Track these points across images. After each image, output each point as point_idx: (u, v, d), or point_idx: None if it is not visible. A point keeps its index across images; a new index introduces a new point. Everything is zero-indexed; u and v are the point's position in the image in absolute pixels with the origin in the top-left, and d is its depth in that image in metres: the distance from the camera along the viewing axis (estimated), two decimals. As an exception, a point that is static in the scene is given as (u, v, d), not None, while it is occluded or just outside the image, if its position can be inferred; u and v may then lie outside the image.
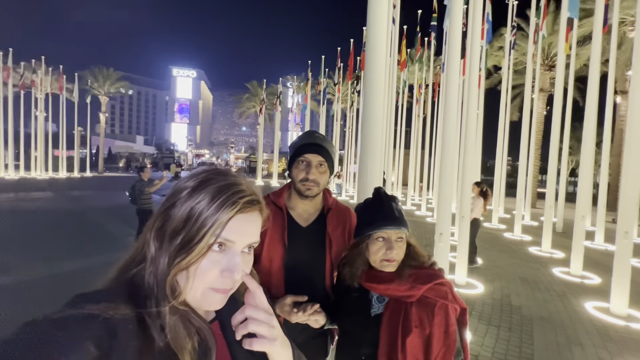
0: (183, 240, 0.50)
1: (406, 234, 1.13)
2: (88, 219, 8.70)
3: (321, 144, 1.29)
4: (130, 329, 0.45)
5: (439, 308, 1.02)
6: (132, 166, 48.33)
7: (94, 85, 30.09)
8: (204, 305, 0.53)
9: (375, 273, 1.13)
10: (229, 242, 0.52)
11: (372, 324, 1.09)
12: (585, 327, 3.68)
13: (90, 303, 0.44)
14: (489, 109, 12.74)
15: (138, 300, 0.49)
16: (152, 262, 0.51)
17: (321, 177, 1.29)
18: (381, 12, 2.17)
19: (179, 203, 0.52)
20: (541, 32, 10.08)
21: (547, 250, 7.16)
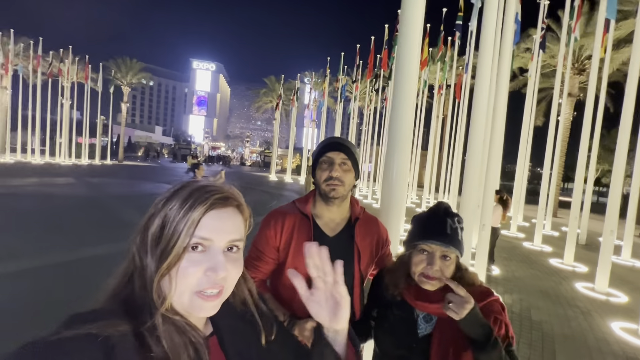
0: (162, 247, 0.50)
1: (456, 255, 1.05)
2: (106, 207, 8.92)
3: (343, 143, 1.25)
4: (129, 345, 0.45)
5: (493, 322, 0.98)
6: (150, 155, 49.50)
7: (117, 76, 30.89)
8: (194, 311, 0.52)
9: (425, 292, 1.06)
10: (206, 241, 0.52)
11: (421, 344, 1.05)
12: (612, 349, 3.47)
13: (87, 323, 0.44)
14: (511, 113, 12.30)
15: (134, 316, 0.49)
16: (139, 274, 0.52)
17: (345, 176, 1.22)
18: (416, 11, 2.05)
19: (155, 214, 0.53)
20: (574, 34, 9.61)
21: (569, 263, 6.85)
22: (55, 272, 4.12)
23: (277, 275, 1.31)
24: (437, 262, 1.02)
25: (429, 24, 14.28)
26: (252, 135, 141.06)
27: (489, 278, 5.40)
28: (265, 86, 34.05)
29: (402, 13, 2.06)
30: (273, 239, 1.26)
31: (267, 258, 1.27)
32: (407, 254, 1.11)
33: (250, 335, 0.62)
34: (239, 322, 0.63)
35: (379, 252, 1.36)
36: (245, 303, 0.65)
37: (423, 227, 1.08)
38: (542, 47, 11.31)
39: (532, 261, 7.01)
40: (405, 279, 1.11)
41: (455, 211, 1.12)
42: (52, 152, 25.58)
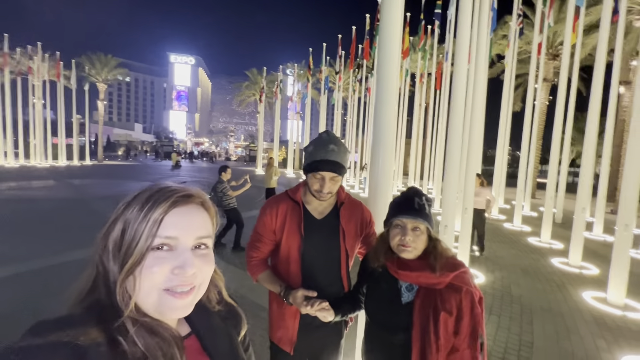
0: (124, 250, 0.50)
1: (426, 227, 1.21)
2: (90, 208, 8.74)
3: (335, 159, 1.36)
4: (101, 351, 0.44)
5: (465, 293, 1.13)
6: (131, 154, 48.13)
7: (91, 72, 29.64)
8: (165, 311, 0.51)
9: (406, 263, 1.21)
10: (171, 240, 0.51)
11: (404, 311, 1.19)
12: (584, 317, 3.77)
13: (56, 330, 0.43)
14: (490, 99, 12.62)
15: (104, 321, 0.47)
16: (104, 280, 0.51)
17: (334, 187, 1.40)
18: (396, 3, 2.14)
19: (117, 219, 0.52)
20: (547, 21, 9.92)
21: (546, 241, 7.25)
22: (40, 277, 4.09)
23: (275, 254, 1.50)
24: (409, 232, 1.18)
25: (409, 13, 14.34)
26: (236, 130, 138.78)
27: (472, 258, 5.68)
28: (247, 79, 33.53)
29: (383, 3, 2.14)
30: (270, 223, 1.45)
31: (266, 239, 1.47)
32: (385, 230, 1.28)
33: (229, 332, 0.63)
34: (216, 320, 0.63)
35: (363, 231, 1.54)
36: (218, 301, 0.65)
37: (396, 206, 1.25)
38: (520, 35, 11.64)
39: (512, 241, 7.37)
40: (385, 253, 1.27)
41: (432, 196, 1.26)
42: (27, 154, 24.52)
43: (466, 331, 1.11)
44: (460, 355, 1.10)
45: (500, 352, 2.96)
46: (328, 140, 1.38)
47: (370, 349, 1.33)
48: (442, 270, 1.16)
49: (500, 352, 2.95)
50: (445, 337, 1.10)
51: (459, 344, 1.11)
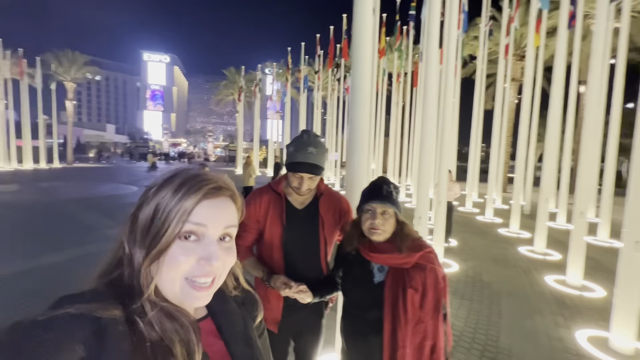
0: (152, 235, 0.50)
1: (394, 211, 1.34)
2: (61, 212, 8.41)
3: (313, 162, 1.48)
4: (119, 329, 0.45)
5: (429, 271, 1.28)
6: (103, 156, 46.20)
7: (58, 71, 28.15)
8: (186, 300, 0.52)
9: (376, 245, 1.34)
10: (200, 228, 0.51)
11: (376, 290, 1.31)
12: (546, 297, 4.11)
13: (78, 304, 0.44)
14: (465, 98, 13.18)
15: (124, 300, 0.49)
16: (128, 262, 0.52)
17: (312, 184, 1.53)
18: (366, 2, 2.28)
19: (146, 202, 0.52)
20: (513, 24, 10.50)
21: (515, 231, 7.72)
22: (11, 283, 3.96)
23: (259, 242, 1.61)
24: (378, 216, 1.31)
25: (384, 14, 14.71)
26: (215, 130, 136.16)
27: (447, 249, 5.98)
28: (225, 78, 32.94)
29: (354, 5, 2.27)
30: (254, 213, 1.56)
31: (250, 228, 1.57)
32: (357, 217, 1.41)
33: (244, 317, 0.64)
34: (232, 305, 0.64)
35: (341, 220, 1.67)
36: (235, 287, 0.66)
37: (366, 194, 1.38)
38: (489, 36, 12.23)
39: (484, 232, 7.79)
40: (358, 238, 1.40)
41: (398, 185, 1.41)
42: (-12, 157, 23.02)
43: (430, 305, 1.26)
44: (425, 326, 1.26)
45: (471, 332, 3.19)
46: (308, 143, 1.50)
47: (347, 326, 1.46)
48: (409, 251, 1.30)
49: (471, 332, 3.18)
50: (412, 311, 1.24)
51: (424, 316, 1.26)
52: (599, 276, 4.82)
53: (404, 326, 1.25)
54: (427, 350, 1.27)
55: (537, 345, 3.00)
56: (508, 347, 2.94)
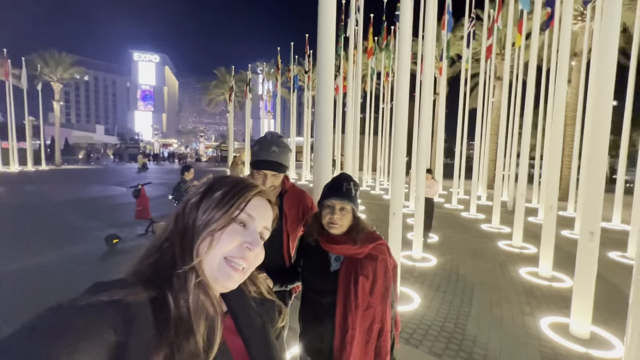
0: (210, 215, 0.58)
1: (351, 207, 1.46)
2: (48, 214, 8.37)
3: (276, 160, 1.59)
4: (149, 313, 0.48)
5: (380, 261, 1.41)
6: (92, 157, 45.57)
7: (44, 71, 27.70)
8: (221, 278, 0.57)
9: (334, 237, 1.46)
10: (250, 218, 0.60)
11: (332, 278, 1.43)
12: (516, 288, 4.30)
13: (109, 290, 0.47)
14: (453, 96, 13.44)
15: (160, 280, 0.53)
16: (181, 235, 0.58)
17: (276, 181, 1.64)
18: (330, 7, 2.40)
19: (215, 184, 0.63)
20: (496, 24, 10.75)
21: (496, 226, 7.94)
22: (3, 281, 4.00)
23: None
24: (337, 212, 1.43)
25: (372, 14, 14.88)
26: (207, 130, 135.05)
27: (427, 244, 6.16)
28: (216, 78, 32.84)
29: (319, 11, 2.39)
30: None
31: None
32: (318, 211, 1.52)
33: (262, 317, 0.67)
34: (251, 302, 0.68)
35: (304, 216, 1.78)
36: (255, 291, 0.71)
37: (327, 190, 1.49)
38: (473, 37, 12.47)
39: (466, 228, 8.00)
40: (318, 230, 1.51)
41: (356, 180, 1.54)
42: (-28, 160, 22.61)
43: (379, 291, 1.39)
44: (374, 311, 1.39)
45: (440, 321, 3.35)
46: (271, 142, 1.62)
47: (304, 311, 1.59)
48: (362, 242, 1.43)
49: (440, 322, 3.34)
50: (362, 297, 1.37)
51: (373, 302, 1.39)
52: (571, 267, 5.00)
53: (354, 311, 1.38)
54: (375, 333, 1.40)
55: (502, 332, 3.17)
56: (474, 335, 3.11)
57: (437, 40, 18.97)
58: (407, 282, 4.35)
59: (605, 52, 2.90)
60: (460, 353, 2.80)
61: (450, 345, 2.93)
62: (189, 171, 5.56)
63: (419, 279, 4.52)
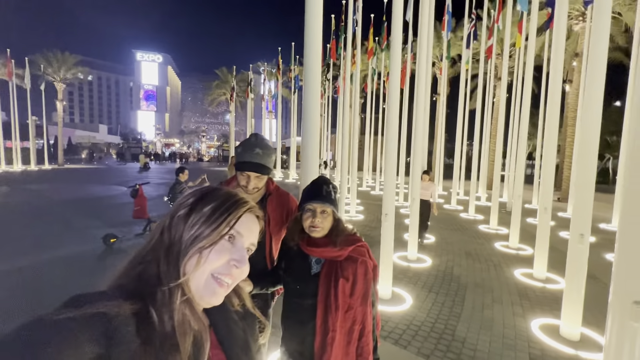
0: (199, 230, 0.56)
1: (332, 210, 1.47)
2: (49, 213, 8.45)
3: (260, 162, 1.62)
4: (131, 326, 0.46)
5: (360, 263, 1.42)
6: (95, 157, 45.85)
7: (47, 71, 27.93)
8: (206, 294, 0.56)
9: (314, 240, 1.47)
10: (239, 235, 0.59)
11: (312, 280, 1.45)
12: (510, 289, 4.30)
13: (90, 303, 0.45)
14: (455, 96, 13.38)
15: (143, 293, 0.51)
16: (167, 250, 0.56)
17: (259, 183, 1.66)
18: (317, 8, 2.41)
19: (208, 196, 0.60)
20: (497, 25, 10.73)
21: (494, 227, 7.92)
22: None
23: None
24: (318, 215, 1.44)
25: (372, 14, 14.86)
26: (209, 130, 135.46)
27: (423, 245, 6.16)
28: (218, 78, 32.97)
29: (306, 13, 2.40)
30: None
31: None
32: (299, 214, 1.53)
33: (244, 330, 0.68)
34: (234, 316, 0.68)
35: (288, 218, 1.79)
36: (239, 304, 0.70)
37: (307, 193, 1.50)
38: (474, 37, 12.45)
39: (464, 228, 7.99)
40: (299, 233, 1.52)
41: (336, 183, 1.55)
42: (-24, 159, 22.82)
43: (359, 293, 1.40)
44: (354, 312, 1.40)
45: (431, 322, 3.36)
46: (255, 144, 1.64)
47: (286, 314, 1.60)
48: (342, 245, 1.44)
49: (431, 322, 3.35)
50: (342, 299, 1.39)
51: (353, 303, 1.41)
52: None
53: (334, 312, 1.40)
54: (356, 334, 1.41)
55: (492, 333, 3.18)
56: (463, 336, 3.11)
57: (438, 40, 18.98)
58: (401, 283, 4.36)
59: (595, 53, 2.89)
60: (448, 354, 2.81)
61: (439, 346, 2.94)
62: (183, 172, 5.62)
63: (413, 280, 4.52)
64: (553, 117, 4.54)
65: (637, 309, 1.46)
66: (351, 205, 9.23)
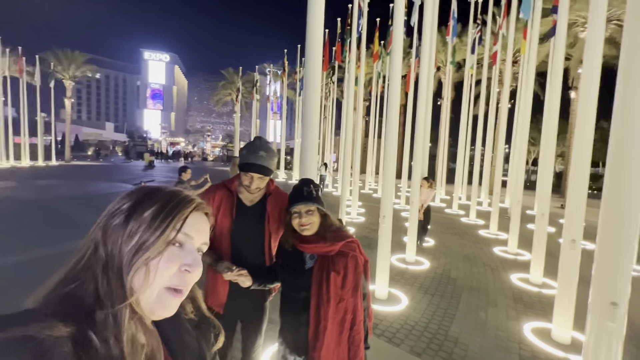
0: (142, 239, 0.50)
1: (316, 207, 1.57)
2: (56, 209, 8.63)
3: (263, 164, 1.72)
4: (67, 349, 0.41)
5: (350, 257, 1.52)
6: (101, 154, 46.38)
7: (57, 69, 28.40)
8: (158, 309, 0.51)
9: (306, 238, 1.58)
10: (188, 237, 0.54)
11: (306, 275, 1.56)
12: (505, 293, 4.36)
13: (16, 325, 0.40)
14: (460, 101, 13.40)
15: (78, 315, 0.45)
16: (104, 267, 0.49)
17: (261, 184, 1.76)
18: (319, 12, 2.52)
19: (141, 204, 0.53)
20: (501, 31, 10.78)
21: (494, 232, 7.96)
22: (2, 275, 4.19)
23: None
24: (304, 215, 1.55)
25: (378, 18, 14.97)
26: (214, 129, 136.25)
27: (422, 248, 6.23)
28: (224, 78, 33.27)
29: (308, 16, 2.51)
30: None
31: None
32: (288, 218, 1.63)
33: (198, 339, 0.63)
34: (186, 325, 0.63)
35: (286, 218, 1.89)
36: (192, 312, 0.65)
37: (291, 198, 1.61)
38: (479, 42, 12.52)
39: (464, 233, 8.03)
40: (292, 234, 1.64)
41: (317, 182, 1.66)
42: (-14, 154, 23.26)
43: (350, 285, 1.51)
44: (346, 303, 1.51)
45: (425, 322, 3.44)
46: (259, 147, 1.75)
47: (283, 307, 1.71)
48: (332, 240, 1.55)
49: (424, 322, 3.43)
50: (334, 291, 1.50)
51: (344, 295, 1.51)
52: (561, 275, 5.05)
53: (326, 303, 1.50)
54: (348, 324, 1.52)
55: (484, 335, 3.25)
56: (456, 336, 3.19)
57: (443, 45, 19.02)
58: (398, 284, 4.43)
59: (589, 60, 2.96)
60: (440, 353, 2.89)
61: (431, 345, 3.01)
62: (185, 171, 5.77)
63: (410, 281, 4.60)
64: (551, 123, 4.60)
65: (613, 310, 1.54)
66: (352, 207, 9.30)
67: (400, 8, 4.04)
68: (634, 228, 1.64)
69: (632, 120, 1.69)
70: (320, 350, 1.45)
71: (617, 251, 1.62)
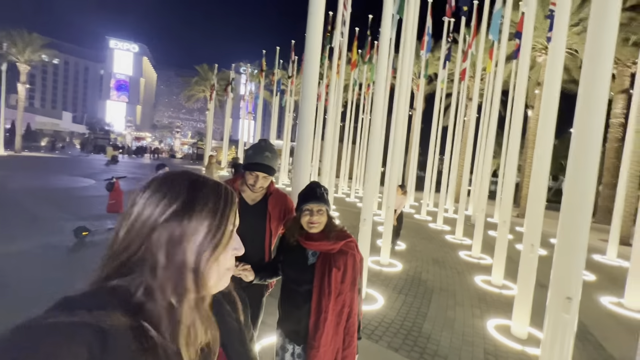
0: (209, 235, 0.52)
1: (326, 208, 1.71)
2: (12, 202, 7.95)
3: (268, 164, 1.81)
4: (124, 339, 0.43)
5: (350, 255, 1.68)
6: (57, 146, 43.01)
7: (11, 51, 26.08)
8: (220, 286, 0.55)
9: (310, 235, 1.70)
10: (235, 226, 0.59)
11: (309, 270, 1.68)
12: (470, 293, 4.71)
13: (82, 309, 0.42)
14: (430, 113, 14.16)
15: (130, 307, 0.47)
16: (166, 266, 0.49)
17: (265, 183, 1.86)
18: (318, 21, 2.65)
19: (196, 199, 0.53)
20: (470, 50, 11.55)
21: (459, 237, 8.49)
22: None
23: None
24: (315, 214, 1.68)
25: (357, 28, 15.43)
26: (183, 126, 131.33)
27: (395, 251, 6.52)
28: (198, 74, 32.35)
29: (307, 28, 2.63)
30: None
31: None
32: (297, 214, 1.75)
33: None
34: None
35: (285, 216, 2.02)
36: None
37: (304, 196, 1.73)
38: (448, 58, 13.31)
39: (432, 238, 8.49)
40: (298, 230, 1.75)
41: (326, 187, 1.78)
42: None
43: (348, 280, 1.66)
44: (344, 297, 1.65)
45: (400, 320, 3.65)
46: (265, 148, 1.85)
47: (284, 299, 1.82)
48: (335, 239, 1.69)
49: (400, 320, 3.64)
50: (335, 285, 1.63)
51: (343, 289, 1.66)
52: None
53: (327, 296, 1.63)
54: (345, 316, 1.67)
55: (453, 331, 3.52)
56: (428, 333, 3.43)
57: (417, 58, 19.96)
58: (374, 285, 4.64)
59: (550, 83, 3.35)
60: (415, 348, 3.10)
61: (406, 341, 3.22)
62: (163, 169, 5.60)
63: (384, 282, 4.82)
64: (515, 138, 5.07)
65: (568, 303, 1.80)
66: (328, 210, 9.47)
67: (387, 22, 4.28)
68: (585, 235, 1.94)
69: (588, 141, 1.99)
70: (320, 339, 1.58)
71: (572, 253, 1.90)
